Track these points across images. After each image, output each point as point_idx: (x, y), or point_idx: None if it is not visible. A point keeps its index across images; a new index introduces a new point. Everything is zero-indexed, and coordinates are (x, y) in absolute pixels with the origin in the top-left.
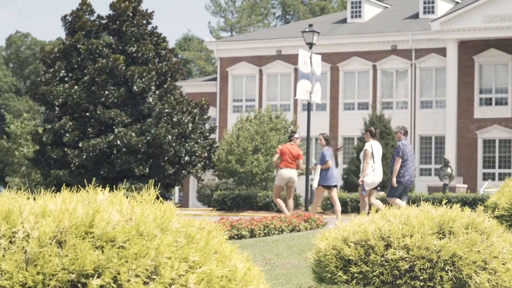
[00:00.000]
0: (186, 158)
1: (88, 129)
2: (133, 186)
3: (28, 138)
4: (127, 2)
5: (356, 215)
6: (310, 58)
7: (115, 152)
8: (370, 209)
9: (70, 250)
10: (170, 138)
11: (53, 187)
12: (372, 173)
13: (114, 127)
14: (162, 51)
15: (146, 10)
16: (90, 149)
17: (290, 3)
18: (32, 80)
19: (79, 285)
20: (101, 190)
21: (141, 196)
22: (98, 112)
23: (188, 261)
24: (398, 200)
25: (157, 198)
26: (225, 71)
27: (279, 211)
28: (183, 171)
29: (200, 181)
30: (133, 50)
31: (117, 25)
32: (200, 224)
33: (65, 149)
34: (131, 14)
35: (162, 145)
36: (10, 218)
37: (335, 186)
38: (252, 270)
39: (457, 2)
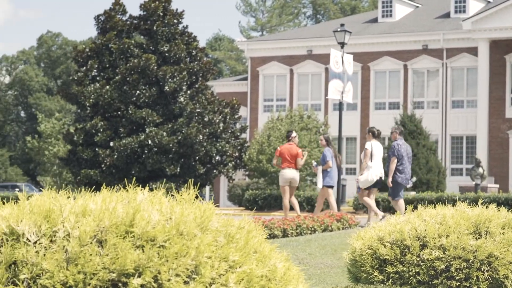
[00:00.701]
0: (217, 157)
1: (120, 129)
2: (167, 185)
3: (59, 138)
4: (157, 2)
5: (388, 214)
6: (342, 57)
7: (146, 151)
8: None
9: (110, 249)
10: (201, 138)
11: (84, 186)
12: (368, 172)
13: (145, 126)
14: (193, 51)
15: (177, 9)
16: (121, 148)
17: (321, 3)
18: (63, 79)
19: (120, 284)
20: (141, 190)
21: (181, 195)
22: (130, 111)
23: (228, 260)
24: (401, 201)
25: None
26: (256, 71)
27: (311, 210)
28: (214, 171)
29: (231, 181)
30: (165, 49)
31: (148, 25)
32: (239, 224)
33: (96, 148)
34: (161, 14)
35: (193, 144)
36: (50, 218)
37: (332, 186)
38: (291, 269)
39: (489, 2)
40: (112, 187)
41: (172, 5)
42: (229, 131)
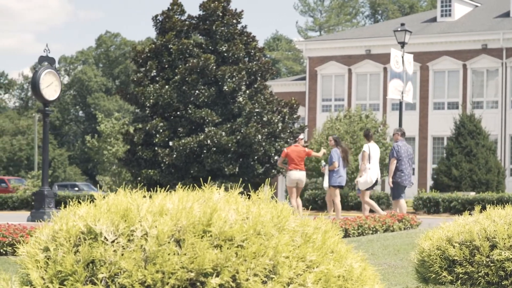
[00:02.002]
0: (276, 157)
1: (179, 129)
2: (225, 185)
3: (118, 137)
4: (216, 2)
5: (448, 215)
6: (402, 57)
7: (205, 151)
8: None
9: (188, 248)
10: (260, 138)
11: (143, 186)
12: (366, 173)
13: (204, 126)
14: (252, 51)
15: (236, 9)
16: (181, 148)
17: (380, 2)
18: (121, 79)
19: (198, 283)
20: (217, 189)
21: (257, 195)
22: (189, 111)
23: (305, 260)
24: (402, 201)
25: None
26: (314, 71)
27: (371, 211)
28: (273, 170)
29: None
30: (224, 49)
31: (207, 25)
32: (316, 224)
33: (156, 148)
34: (220, 14)
35: (252, 144)
36: (128, 217)
37: (341, 186)
38: (367, 270)
39: None
40: (171, 186)
41: (231, 5)
42: (288, 131)
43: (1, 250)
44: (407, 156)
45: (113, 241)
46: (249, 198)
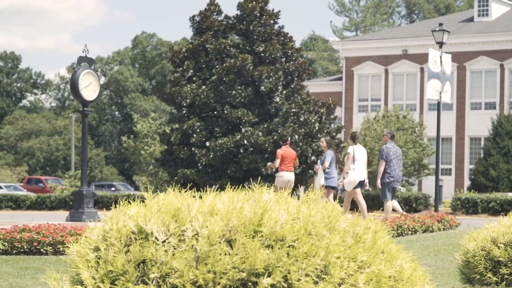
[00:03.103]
0: (313, 157)
1: (216, 129)
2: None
3: (155, 137)
4: (254, 2)
5: (487, 216)
6: (440, 57)
7: (242, 151)
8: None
9: (240, 249)
10: (297, 138)
11: (180, 186)
12: (351, 174)
13: (241, 126)
14: (289, 51)
15: (273, 10)
16: (217, 148)
17: (416, 2)
18: (158, 80)
19: (249, 283)
20: (266, 189)
21: (307, 195)
22: (226, 111)
23: (356, 260)
24: (388, 203)
25: None
26: (351, 71)
27: (409, 211)
28: (310, 171)
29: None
30: (261, 50)
31: (244, 25)
32: (366, 224)
33: (193, 148)
34: (258, 14)
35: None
36: (179, 217)
37: (334, 187)
38: (417, 270)
39: None
40: (208, 186)
41: (268, 5)
42: (325, 131)
43: (42, 250)
44: (396, 157)
45: (164, 241)
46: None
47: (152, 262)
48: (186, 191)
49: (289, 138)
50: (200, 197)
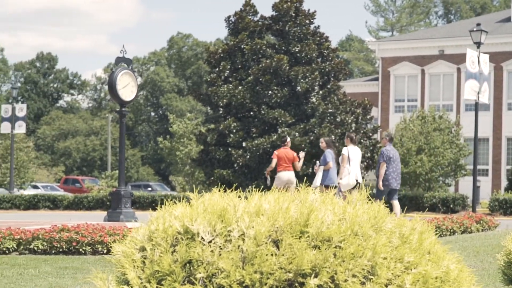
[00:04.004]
0: None
1: (252, 129)
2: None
3: (191, 138)
4: (289, 3)
5: None
6: (478, 57)
7: None
8: None
9: (286, 249)
10: (333, 138)
11: (217, 186)
12: (348, 175)
13: (277, 127)
14: (325, 51)
15: (308, 10)
16: (254, 149)
17: (453, 1)
18: (193, 80)
19: (296, 284)
20: (312, 190)
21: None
22: (262, 112)
23: (403, 261)
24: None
25: None
26: (387, 71)
27: (446, 212)
28: None
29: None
30: (297, 50)
31: (280, 26)
32: (412, 225)
33: (229, 149)
34: (293, 14)
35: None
36: (225, 217)
37: (335, 186)
38: (464, 271)
39: None
40: (244, 187)
41: (303, 5)
42: (361, 131)
43: (80, 250)
44: (395, 160)
45: (210, 241)
46: None
47: (198, 262)
48: (225, 191)
49: (287, 139)
50: (246, 197)
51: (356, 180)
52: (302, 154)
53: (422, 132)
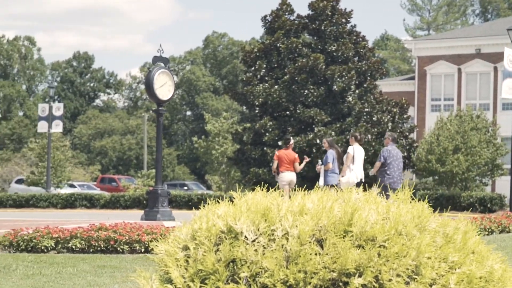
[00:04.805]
0: None
1: (288, 128)
2: None
3: (226, 137)
4: (325, 2)
5: None
6: None
7: (314, 150)
8: None
9: (330, 248)
10: (369, 137)
11: (252, 185)
12: (349, 174)
13: (313, 126)
14: (361, 50)
15: (345, 9)
16: None
17: (491, 0)
18: (229, 79)
19: (340, 283)
20: (356, 189)
21: (396, 195)
22: (298, 111)
23: (447, 261)
24: None
25: None
26: (423, 70)
27: (483, 211)
28: None
29: None
30: (333, 49)
31: (316, 25)
32: (456, 224)
33: (265, 148)
34: (330, 13)
35: (361, 144)
36: (268, 216)
37: (335, 185)
38: (508, 271)
39: None
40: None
41: (340, 4)
42: (398, 130)
43: (118, 248)
44: (396, 160)
45: (253, 241)
46: None
47: (242, 262)
48: (262, 189)
49: (290, 141)
50: (289, 196)
51: (361, 179)
52: (306, 160)
53: (459, 132)
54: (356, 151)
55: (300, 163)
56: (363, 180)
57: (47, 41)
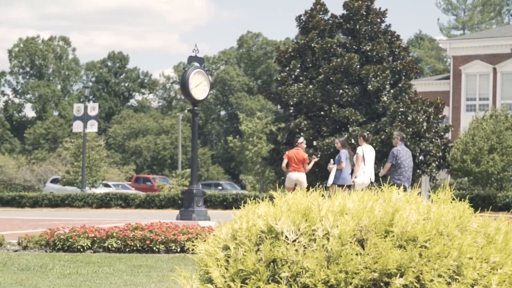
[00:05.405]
0: (421, 157)
1: (323, 128)
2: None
3: (260, 136)
4: (360, 1)
5: None
6: None
7: None
8: None
9: (371, 248)
10: (405, 137)
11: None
12: (363, 174)
13: (348, 126)
14: (396, 50)
15: (380, 8)
16: (325, 147)
17: None
18: (263, 79)
19: (381, 283)
20: (396, 189)
21: (437, 195)
22: (333, 111)
23: (488, 261)
24: None
25: None
26: (458, 70)
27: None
28: (418, 171)
29: (433, 181)
30: (368, 48)
31: (350, 24)
32: (497, 225)
33: None
34: (364, 13)
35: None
36: (309, 216)
37: (349, 186)
38: None
39: None
40: (315, 185)
41: (374, 3)
42: (433, 130)
43: (154, 248)
44: (406, 159)
45: (294, 240)
46: None
47: (282, 261)
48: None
49: (300, 141)
50: (329, 196)
51: (370, 179)
52: (314, 160)
53: (494, 131)
54: (365, 151)
55: (309, 163)
56: (373, 181)
57: (82, 41)
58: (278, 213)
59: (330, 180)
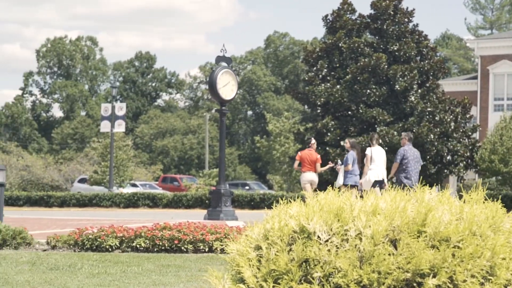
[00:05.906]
0: (448, 157)
1: (350, 128)
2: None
3: (288, 136)
4: (387, 1)
5: None
6: None
7: None
8: None
9: (404, 249)
10: (432, 137)
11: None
12: (368, 174)
13: (376, 125)
14: (424, 49)
15: (407, 8)
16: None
17: None
18: (290, 79)
19: (414, 284)
20: (429, 189)
21: (469, 195)
22: (360, 111)
23: None
24: None
25: None
26: (486, 70)
27: None
28: (445, 171)
29: (461, 181)
30: (395, 48)
31: (378, 24)
32: None
33: (327, 148)
34: (392, 13)
35: (424, 144)
36: (341, 216)
37: (355, 186)
38: None
39: None
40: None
41: (402, 3)
42: (460, 130)
43: (182, 248)
44: (413, 159)
45: (326, 240)
46: None
47: (315, 262)
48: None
49: (312, 141)
50: (361, 196)
51: (383, 179)
52: (330, 165)
53: None
54: (374, 152)
55: (322, 166)
56: (385, 180)
57: (109, 41)
58: (310, 213)
59: (340, 180)
